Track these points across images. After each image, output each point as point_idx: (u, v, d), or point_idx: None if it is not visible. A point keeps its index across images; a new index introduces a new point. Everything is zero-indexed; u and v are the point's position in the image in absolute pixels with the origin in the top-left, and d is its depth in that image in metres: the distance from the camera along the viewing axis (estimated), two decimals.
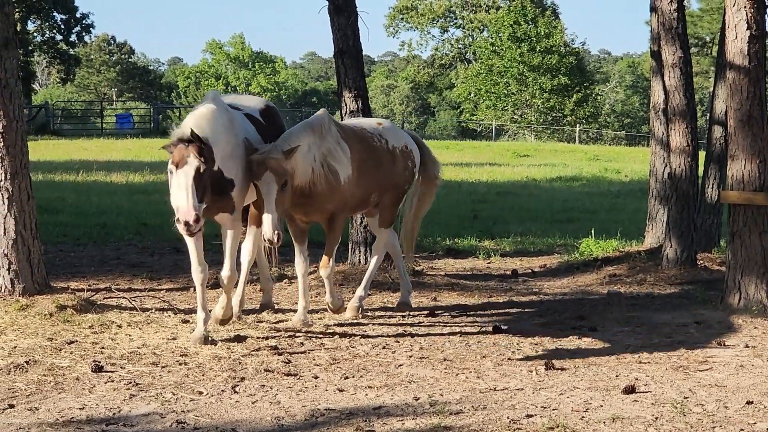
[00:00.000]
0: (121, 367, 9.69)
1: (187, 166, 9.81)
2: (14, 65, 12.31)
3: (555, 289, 14.85)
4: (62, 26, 76.57)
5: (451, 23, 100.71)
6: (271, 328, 11.61)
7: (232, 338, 10.84)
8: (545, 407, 8.56)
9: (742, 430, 8.03)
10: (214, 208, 10.47)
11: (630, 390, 9.04)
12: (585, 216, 24.35)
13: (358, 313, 12.32)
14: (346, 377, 9.55)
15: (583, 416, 8.30)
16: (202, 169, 9.84)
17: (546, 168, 40.59)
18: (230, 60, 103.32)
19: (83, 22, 77.03)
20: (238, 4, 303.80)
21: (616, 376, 9.68)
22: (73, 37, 77.50)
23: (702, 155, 16.67)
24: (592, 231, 18.86)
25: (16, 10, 63.76)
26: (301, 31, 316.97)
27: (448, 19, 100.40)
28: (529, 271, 16.50)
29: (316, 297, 13.18)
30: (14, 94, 12.23)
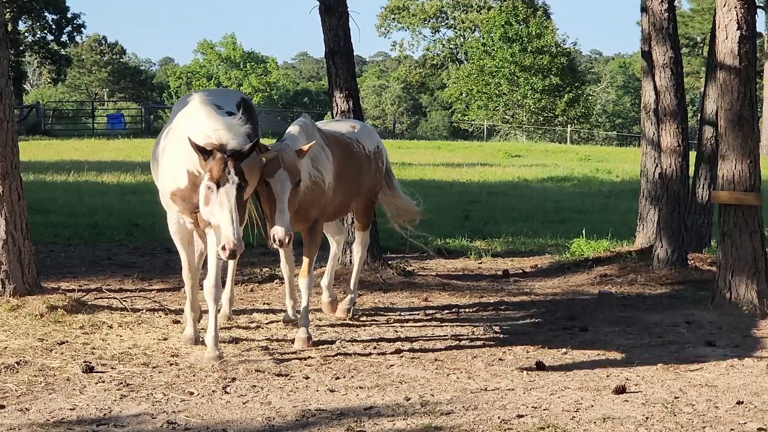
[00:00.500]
0: (112, 368, 9.68)
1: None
2: (5, 65, 12.29)
3: (546, 290, 14.86)
4: (53, 26, 76.40)
5: (443, 23, 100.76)
6: (262, 328, 11.61)
7: (222, 339, 10.83)
8: (536, 407, 8.57)
9: (732, 430, 8.04)
10: None
11: (621, 390, 9.05)
12: (576, 216, 24.34)
13: (350, 314, 12.31)
14: (337, 377, 9.55)
15: (574, 416, 8.31)
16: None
17: (537, 168, 40.59)
18: (222, 60, 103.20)
19: (74, 22, 76.86)
20: (230, 5, 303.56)
21: (607, 376, 9.69)
22: (64, 37, 77.31)
23: (693, 155, 16.69)
24: (584, 231, 18.87)
25: (7, 10, 63.71)
26: (293, 31, 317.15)
27: (440, 19, 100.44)
28: (521, 271, 16.51)
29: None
30: (5, 94, 12.21)
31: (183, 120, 9.91)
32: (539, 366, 9.97)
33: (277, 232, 9.88)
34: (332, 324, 11.99)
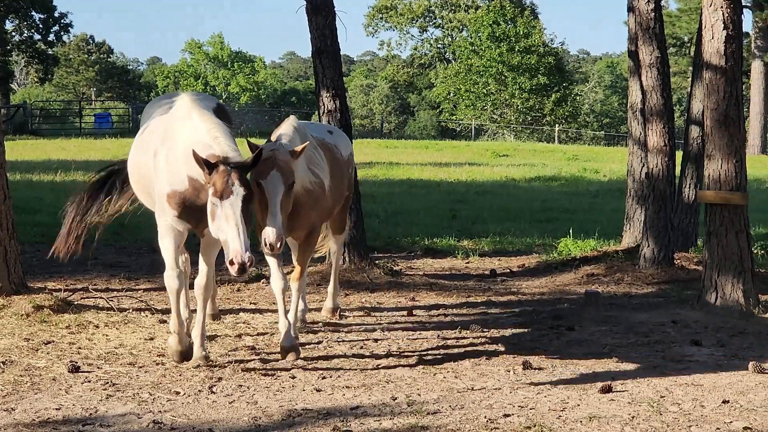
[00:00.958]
0: (98, 368, 9.67)
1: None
2: None
3: (533, 289, 14.88)
4: (41, 26, 76.23)
5: (431, 23, 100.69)
6: (249, 327, 11.60)
7: (209, 338, 10.81)
8: (522, 406, 8.57)
9: (718, 429, 8.06)
10: None
11: (607, 389, 9.06)
12: (563, 216, 24.37)
13: (336, 314, 12.30)
14: (324, 377, 9.54)
15: (561, 415, 8.31)
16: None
17: (525, 168, 40.60)
18: (209, 60, 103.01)
19: (62, 21, 76.70)
20: (218, 4, 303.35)
21: (593, 375, 9.70)
22: (51, 37, 77.15)
23: (679, 155, 16.73)
24: (571, 231, 18.90)
25: None
26: (280, 30, 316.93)
27: (428, 18, 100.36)
28: (508, 270, 16.52)
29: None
30: None
31: (176, 123, 9.53)
32: (526, 365, 9.98)
33: (268, 235, 9.28)
34: (318, 323, 11.98)
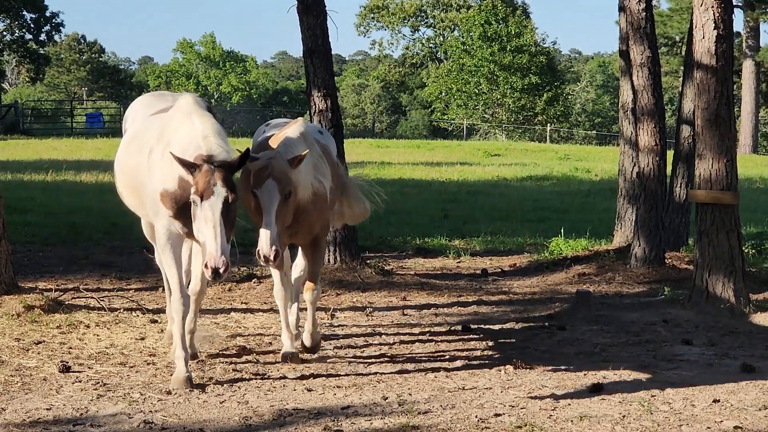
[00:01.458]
0: (89, 368, 9.65)
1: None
2: None
3: (524, 288, 14.88)
4: (32, 25, 76.14)
5: (422, 22, 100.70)
6: (240, 327, 11.59)
7: (200, 338, 10.81)
8: (513, 406, 8.57)
9: (708, 428, 8.06)
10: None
11: (598, 388, 9.06)
12: (555, 215, 24.39)
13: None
14: (315, 377, 9.54)
15: (551, 415, 8.32)
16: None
17: (517, 167, 40.62)
18: (201, 59, 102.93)
19: (53, 21, 76.63)
20: (210, 4, 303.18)
21: (584, 374, 9.71)
22: (42, 36, 77.10)
23: (670, 154, 16.74)
24: (562, 230, 18.91)
25: None
26: (272, 30, 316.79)
27: (419, 18, 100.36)
28: (499, 270, 16.53)
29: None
30: None
31: (174, 123, 9.15)
32: (517, 365, 9.98)
33: (262, 247, 8.84)
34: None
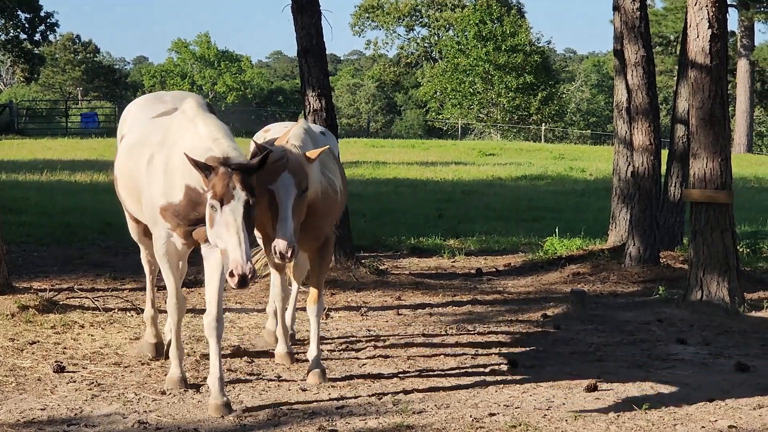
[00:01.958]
0: (83, 368, 9.65)
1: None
2: None
3: (519, 288, 14.89)
4: (26, 25, 76.04)
5: (417, 22, 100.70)
6: (235, 327, 11.58)
7: (194, 338, 10.80)
8: (508, 405, 8.58)
9: (703, 427, 8.07)
10: None
11: (592, 388, 9.07)
12: (550, 215, 24.41)
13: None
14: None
15: (546, 414, 8.32)
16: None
17: (511, 167, 40.62)
18: (196, 59, 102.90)
19: (48, 21, 76.54)
20: (204, 3, 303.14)
21: (579, 374, 9.71)
22: (37, 36, 76.98)
23: (665, 154, 16.75)
24: (557, 230, 18.93)
25: None
26: (267, 30, 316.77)
27: (414, 17, 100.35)
28: (494, 269, 16.54)
29: None
30: None
31: (178, 128, 8.71)
32: (511, 364, 9.99)
33: (279, 244, 8.33)
34: (303, 323, 11.96)
